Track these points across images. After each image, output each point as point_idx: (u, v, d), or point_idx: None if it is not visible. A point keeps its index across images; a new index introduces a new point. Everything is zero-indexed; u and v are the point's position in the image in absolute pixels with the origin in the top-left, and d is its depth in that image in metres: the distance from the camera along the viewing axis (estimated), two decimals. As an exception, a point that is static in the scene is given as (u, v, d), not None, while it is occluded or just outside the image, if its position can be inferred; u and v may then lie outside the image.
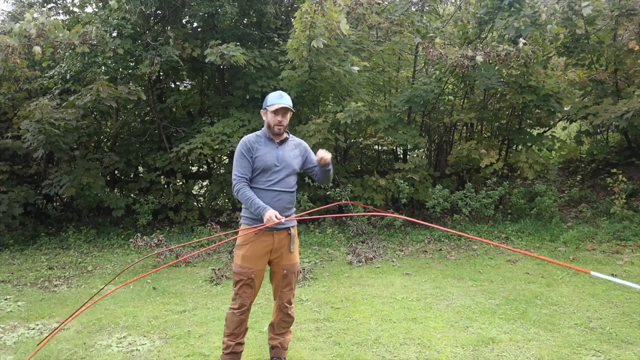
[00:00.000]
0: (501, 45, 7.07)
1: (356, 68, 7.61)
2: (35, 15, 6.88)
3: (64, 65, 8.47)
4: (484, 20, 7.81)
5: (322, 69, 7.44)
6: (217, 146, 7.89)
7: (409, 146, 8.47)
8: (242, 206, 3.42)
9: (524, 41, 6.98)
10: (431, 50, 7.32)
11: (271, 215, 3.13)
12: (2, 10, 16.02)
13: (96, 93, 7.69)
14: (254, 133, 3.47)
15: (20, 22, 6.80)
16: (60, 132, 7.59)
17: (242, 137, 8.83)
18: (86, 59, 8.06)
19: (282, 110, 3.30)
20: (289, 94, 7.88)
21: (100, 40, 7.58)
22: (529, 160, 7.82)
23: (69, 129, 7.81)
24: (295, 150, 3.47)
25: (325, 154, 3.33)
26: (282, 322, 3.50)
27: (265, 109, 3.38)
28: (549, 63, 7.96)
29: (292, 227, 3.41)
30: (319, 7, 6.63)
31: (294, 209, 3.48)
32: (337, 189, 7.86)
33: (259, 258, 3.31)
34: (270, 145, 3.37)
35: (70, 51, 7.90)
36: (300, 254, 6.90)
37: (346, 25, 6.81)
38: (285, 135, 3.44)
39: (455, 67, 7.34)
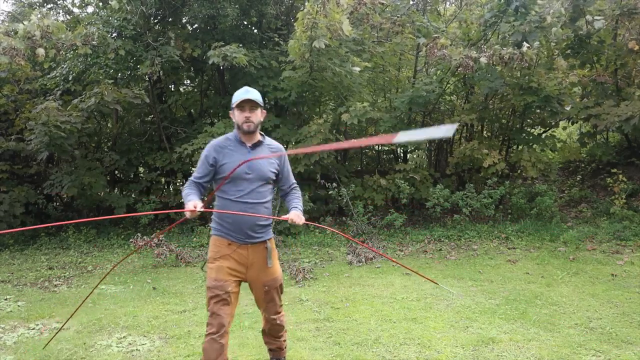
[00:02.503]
0: (505, 49, 7.07)
1: (357, 69, 7.61)
2: (38, 16, 6.90)
3: (65, 66, 8.49)
4: (490, 23, 7.82)
5: (323, 69, 7.45)
6: None
7: (409, 148, 8.47)
8: (212, 215, 3.09)
9: (528, 45, 6.98)
10: (435, 50, 7.31)
11: (189, 205, 2.77)
12: (2, 10, 16.01)
13: (100, 96, 7.73)
14: (224, 136, 3.08)
15: (25, 22, 6.82)
16: (65, 134, 7.62)
17: None
18: (88, 59, 8.08)
19: (248, 105, 2.92)
20: (289, 94, 8.00)
21: (101, 41, 7.59)
22: (532, 159, 7.82)
23: (73, 132, 7.84)
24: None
25: (296, 219, 2.96)
26: (272, 330, 3.28)
27: (232, 108, 3.01)
28: (552, 65, 7.95)
29: (268, 239, 3.04)
30: (322, 8, 6.63)
31: (270, 227, 3.09)
32: (339, 189, 7.86)
33: (234, 271, 2.97)
34: (241, 149, 2.98)
35: (72, 52, 7.92)
36: (300, 254, 6.97)
37: (348, 26, 6.81)
38: (258, 137, 3.04)
39: (458, 67, 7.33)
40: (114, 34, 8.33)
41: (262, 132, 3.08)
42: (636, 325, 4.09)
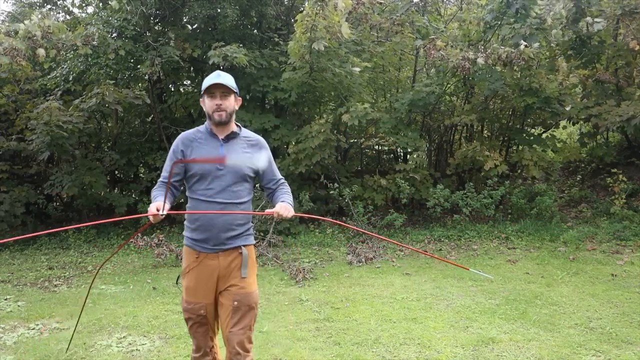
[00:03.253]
0: (503, 48, 7.07)
1: (357, 69, 7.61)
2: (39, 16, 6.91)
3: (65, 66, 8.50)
4: (490, 24, 7.82)
5: (323, 70, 7.45)
6: None
7: (409, 149, 8.48)
8: (184, 222, 2.72)
9: (525, 43, 6.98)
10: (432, 52, 7.32)
11: (151, 208, 2.43)
12: (3, 10, 16.02)
13: (101, 97, 7.75)
14: (194, 128, 2.74)
15: (25, 22, 6.82)
16: (67, 134, 7.64)
17: None
18: (89, 59, 8.09)
19: (219, 91, 2.57)
20: (290, 94, 8.00)
21: (101, 42, 7.60)
22: (533, 158, 7.83)
23: (74, 132, 7.85)
24: (248, 150, 2.68)
25: (283, 211, 2.56)
26: None
27: (202, 95, 2.65)
28: (554, 66, 7.95)
29: (244, 245, 2.64)
30: (320, 10, 6.63)
31: (250, 227, 2.71)
32: (340, 189, 7.86)
33: (206, 288, 2.61)
34: (213, 142, 2.63)
35: (72, 52, 7.93)
36: (300, 254, 6.96)
37: (347, 29, 6.81)
38: (233, 128, 2.67)
39: (456, 69, 7.34)
40: (114, 34, 8.33)
41: (238, 123, 2.73)
42: (636, 325, 4.09)
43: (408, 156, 9.43)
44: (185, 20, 9.15)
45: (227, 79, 2.60)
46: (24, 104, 8.63)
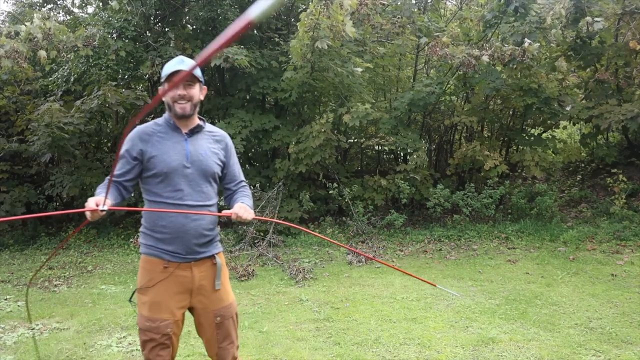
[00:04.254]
0: (507, 46, 7.07)
1: (359, 69, 7.61)
2: (40, 17, 6.92)
3: (66, 67, 8.51)
4: (490, 23, 7.82)
5: (324, 70, 7.45)
6: None
7: (409, 149, 8.48)
8: (141, 227, 2.40)
9: (529, 41, 6.98)
10: (437, 49, 7.30)
11: (89, 203, 2.09)
12: (3, 10, 16.02)
13: (103, 98, 7.76)
14: (152, 121, 2.38)
15: (27, 24, 6.83)
16: (68, 135, 7.65)
17: (245, 138, 8.57)
18: (90, 60, 8.11)
19: (182, 79, 2.26)
20: (290, 94, 8.00)
21: (102, 43, 7.61)
22: (535, 158, 7.83)
23: (75, 133, 7.87)
24: (214, 146, 2.41)
25: (242, 212, 2.28)
26: None
27: (161, 84, 2.34)
28: (553, 67, 7.95)
29: (216, 253, 2.39)
30: (325, 9, 6.62)
31: (218, 237, 2.45)
32: (340, 189, 7.86)
33: (175, 303, 2.30)
34: (175, 136, 2.32)
35: (73, 54, 7.94)
36: (299, 254, 6.97)
37: (352, 28, 6.80)
38: (197, 121, 2.39)
39: (460, 66, 7.32)
40: (114, 35, 8.34)
41: (202, 117, 2.44)
42: (636, 325, 4.09)
43: (408, 157, 9.43)
44: (184, 20, 9.15)
45: (192, 66, 2.33)
46: (24, 105, 8.64)
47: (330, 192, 7.79)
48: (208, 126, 2.45)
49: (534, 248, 6.73)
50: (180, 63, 2.27)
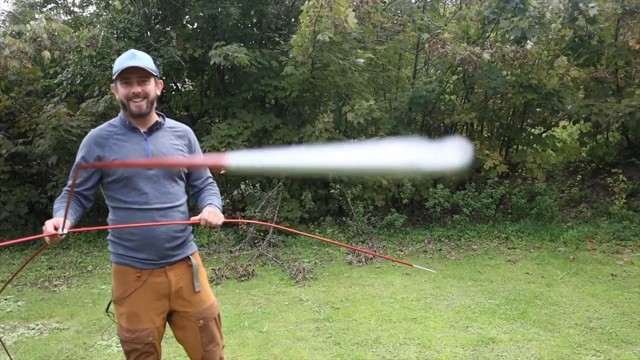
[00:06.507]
0: (508, 46, 7.06)
1: (361, 60, 7.58)
2: (45, 17, 6.94)
3: (70, 69, 8.54)
4: (489, 19, 7.81)
5: (326, 66, 7.43)
6: (223, 149, 7.88)
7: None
8: (109, 235, 2.30)
9: (532, 43, 6.98)
10: (438, 47, 7.29)
11: (47, 226, 1.94)
12: (3, 10, 16.03)
13: (110, 101, 7.79)
14: (107, 122, 2.27)
15: (31, 23, 6.84)
16: (75, 138, 7.68)
17: (245, 140, 8.51)
18: (94, 60, 8.13)
19: (134, 76, 2.11)
20: (290, 92, 7.99)
21: (105, 43, 7.63)
22: (537, 160, 7.82)
23: (81, 135, 7.90)
24: (176, 142, 2.28)
25: (211, 218, 2.16)
26: None
27: (113, 81, 2.20)
28: (554, 63, 7.94)
29: (191, 254, 2.32)
30: (327, 2, 6.62)
31: (191, 237, 2.35)
32: (341, 189, 7.85)
33: (153, 311, 2.22)
34: (134, 137, 2.19)
35: (76, 54, 7.97)
36: (300, 254, 6.97)
37: (354, 19, 6.79)
38: (156, 118, 2.25)
39: (461, 63, 7.31)
40: (116, 36, 8.35)
41: (160, 113, 2.30)
42: (636, 325, 4.09)
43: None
44: (185, 19, 9.15)
45: (145, 60, 2.13)
46: (29, 106, 8.69)
47: (332, 192, 7.78)
48: (168, 121, 2.31)
49: (534, 248, 6.73)
50: (132, 58, 2.12)
